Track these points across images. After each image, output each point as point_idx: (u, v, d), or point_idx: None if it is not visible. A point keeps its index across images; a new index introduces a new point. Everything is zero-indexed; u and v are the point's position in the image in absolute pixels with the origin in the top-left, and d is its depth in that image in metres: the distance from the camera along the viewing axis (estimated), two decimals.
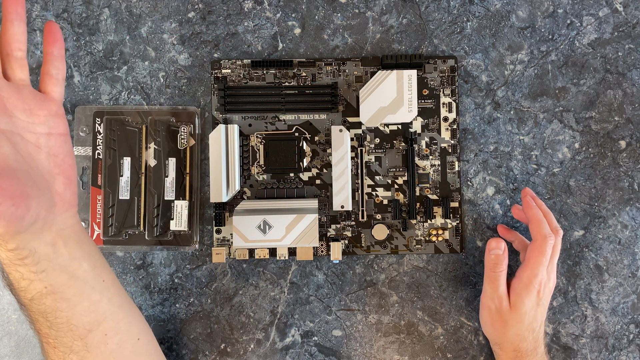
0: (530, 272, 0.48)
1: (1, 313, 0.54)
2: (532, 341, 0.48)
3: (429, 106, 0.55)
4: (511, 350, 0.49)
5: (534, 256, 0.48)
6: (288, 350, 0.54)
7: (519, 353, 0.48)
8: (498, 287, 0.49)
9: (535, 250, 0.48)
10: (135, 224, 0.53)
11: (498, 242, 0.50)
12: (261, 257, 0.52)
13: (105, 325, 0.41)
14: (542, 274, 0.48)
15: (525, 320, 0.48)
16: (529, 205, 0.49)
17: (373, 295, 0.54)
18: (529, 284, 0.48)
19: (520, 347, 0.48)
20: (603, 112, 0.55)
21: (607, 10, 0.55)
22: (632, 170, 0.55)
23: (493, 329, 0.50)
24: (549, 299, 0.50)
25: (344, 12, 0.55)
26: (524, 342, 0.48)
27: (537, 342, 0.49)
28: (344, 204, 0.52)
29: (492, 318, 0.50)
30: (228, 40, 0.55)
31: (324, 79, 0.55)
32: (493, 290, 0.49)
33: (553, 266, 0.49)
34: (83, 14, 0.55)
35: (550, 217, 0.50)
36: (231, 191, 0.52)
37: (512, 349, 0.48)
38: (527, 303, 0.48)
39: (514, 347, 0.48)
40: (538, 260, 0.47)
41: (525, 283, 0.48)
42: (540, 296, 0.48)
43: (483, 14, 0.55)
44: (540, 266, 0.47)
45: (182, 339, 0.54)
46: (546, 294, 0.49)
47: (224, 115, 0.55)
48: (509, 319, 0.48)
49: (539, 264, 0.47)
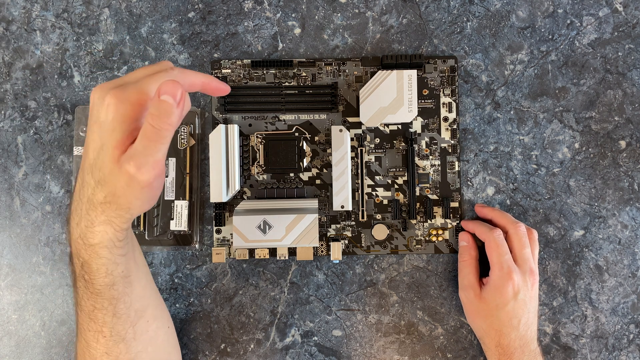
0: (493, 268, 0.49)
1: (1, 313, 0.54)
2: (515, 339, 0.48)
3: (429, 106, 0.55)
4: (493, 345, 0.49)
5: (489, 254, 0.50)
6: (288, 350, 0.54)
7: (501, 349, 0.48)
8: (464, 277, 0.51)
9: (488, 248, 0.50)
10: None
11: (465, 235, 0.53)
12: (261, 257, 0.52)
13: (148, 312, 0.42)
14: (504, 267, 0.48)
15: (501, 315, 0.48)
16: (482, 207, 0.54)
17: (373, 295, 0.54)
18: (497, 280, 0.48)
19: (501, 343, 0.48)
20: (603, 112, 0.55)
21: (607, 10, 0.55)
22: (632, 170, 0.55)
23: (471, 319, 0.51)
24: (531, 293, 0.49)
25: (344, 12, 0.55)
26: (505, 338, 0.48)
27: (524, 340, 0.48)
28: (344, 204, 0.52)
29: (466, 308, 0.51)
30: (228, 40, 0.55)
31: (324, 79, 0.55)
32: (460, 280, 0.52)
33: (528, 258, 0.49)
34: (83, 14, 0.55)
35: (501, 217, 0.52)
36: (231, 191, 0.52)
37: (494, 344, 0.49)
38: (498, 298, 0.48)
39: (495, 342, 0.49)
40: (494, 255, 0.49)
41: (494, 279, 0.49)
42: (517, 289, 0.48)
43: (483, 14, 0.55)
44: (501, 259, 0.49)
45: (182, 339, 0.54)
46: (523, 289, 0.48)
47: (224, 115, 0.55)
48: (480, 309, 0.49)
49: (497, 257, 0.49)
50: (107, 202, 0.35)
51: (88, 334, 0.39)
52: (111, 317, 0.39)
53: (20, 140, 0.55)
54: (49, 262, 0.54)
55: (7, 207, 0.54)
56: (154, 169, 0.34)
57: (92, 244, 0.36)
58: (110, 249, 0.37)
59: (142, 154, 0.34)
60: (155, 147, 0.34)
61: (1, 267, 0.54)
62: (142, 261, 0.42)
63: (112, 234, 0.36)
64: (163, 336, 0.44)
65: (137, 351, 0.41)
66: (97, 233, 0.36)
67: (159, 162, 0.34)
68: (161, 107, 0.33)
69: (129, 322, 0.40)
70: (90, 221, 0.36)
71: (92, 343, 0.39)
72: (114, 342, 0.39)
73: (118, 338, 0.39)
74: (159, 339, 0.43)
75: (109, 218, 0.36)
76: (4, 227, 0.54)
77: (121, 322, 0.39)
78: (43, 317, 0.54)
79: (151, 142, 0.33)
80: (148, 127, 0.33)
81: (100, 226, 0.36)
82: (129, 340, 0.40)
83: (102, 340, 0.39)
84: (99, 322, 0.39)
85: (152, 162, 0.34)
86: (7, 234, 0.54)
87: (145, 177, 0.34)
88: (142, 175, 0.34)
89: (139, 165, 0.34)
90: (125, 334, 0.40)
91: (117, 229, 0.36)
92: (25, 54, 0.55)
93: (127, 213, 0.36)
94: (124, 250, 0.38)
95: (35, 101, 0.55)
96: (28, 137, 0.55)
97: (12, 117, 0.55)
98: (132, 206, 0.36)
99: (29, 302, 0.54)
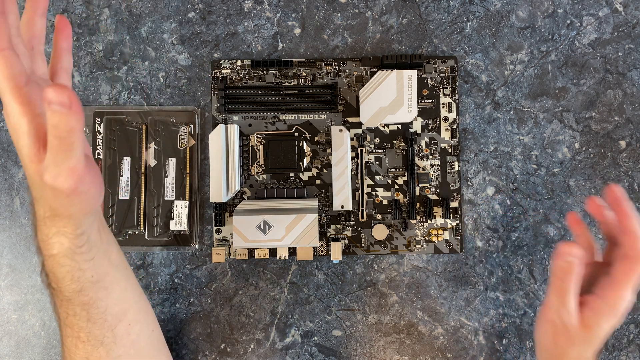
0: (619, 292, 0.40)
1: (1, 313, 0.54)
2: None
3: (429, 106, 0.55)
4: None
5: (625, 276, 0.40)
6: (288, 350, 0.54)
7: None
8: (568, 302, 0.41)
9: (630, 269, 0.40)
10: (135, 224, 0.53)
11: (572, 246, 0.40)
12: (261, 257, 0.52)
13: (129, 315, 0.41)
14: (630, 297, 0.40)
15: (594, 343, 0.41)
16: (627, 214, 0.41)
17: (373, 295, 0.54)
18: (615, 307, 0.40)
19: None
20: (603, 112, 0.55)
21: (607, 10, 0.55)
22: (632, 170, 0.55)
23: (554, 345, 0.43)
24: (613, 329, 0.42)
25: (344, 12, 0.55)
26: None
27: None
28: (344, 204, 0.52)
29: (555, 334, 0.42)
30: (228, 40, 0.55)
31: (324, 79, 0.55)
32: (561, 304, 0.41)
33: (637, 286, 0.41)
34: (83, 14, 0.55)
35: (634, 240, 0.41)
36: (231, 191, 0.52)
37: None
38: (606, 326, 0.41)
39: None
40: (630, 280, 0.40)
41: (611, 305, 0.40)
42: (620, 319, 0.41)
43: (483, 14, 0.55)
44: (631, 288, 0.40)
45: (182, 339, 0.54)
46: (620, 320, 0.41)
47: (224, 115, 0.55)
48: (577, 337, 0.41)
49: (630, 284, 0.40)
50: (49, 217, 0.35)
51: (67, 340, 0.39)
52: (85, 322, 0.38)
53: None
54: None
55: (7, 207, 0.54)
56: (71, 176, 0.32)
57: (52, 254, 0.36)
58: (72, 257, 0.36)
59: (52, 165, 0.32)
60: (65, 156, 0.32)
61: (1, 267, 0.54)
62: (121, 264, 0.41)
63: (68, 242, 0.36)
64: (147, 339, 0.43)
65: (117, 355, 0.40)
66: (54, 244, 0.36)
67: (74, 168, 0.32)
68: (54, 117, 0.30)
69: (106, 326, 0.39)
70: (45, 234, 0.36)
71: (72, 348, 0.39)
72: (92, 347, 0.39)
73: (96, 342, 0.39)
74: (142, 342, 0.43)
75: (58, 229, 0.35)
76: (4, 227, 0.54)
77: (97, 327, 0.39)
78: (43, 317, 0.54)
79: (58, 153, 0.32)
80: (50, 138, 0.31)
81: (54, 238, 0.36)
82: (108, 344, 0.39)
83: (81, 345, 0.39)
84: (75, 328, 0.38)
85: (66, 170, 0.32)
86: (7, 234, 0.54)
87: (65, 185, 0.32)
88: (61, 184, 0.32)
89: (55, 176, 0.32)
90: (104, 338, 0.39)
91: (71, 237, 0.36)
92: None
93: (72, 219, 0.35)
94: (89, 255, 0.37)
95: None
96: None
97: None
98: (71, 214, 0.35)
99: (29, 302, 0.54)
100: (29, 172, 0.34)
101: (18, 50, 0.34)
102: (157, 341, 0.46)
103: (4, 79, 0.32)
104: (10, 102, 0.32)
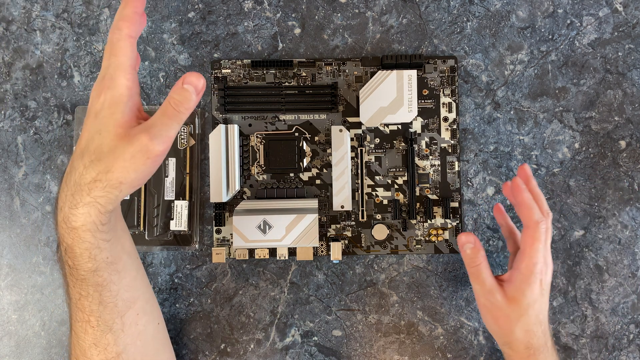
0: (528, 261, 0.45)
1: (1, 313, 0.54)
2: (541, 335, 0.46)
3: (429, 106, 0.55)
4: (523, 348, 0.46)
5: (529, 244, 0.45)
6: (288, 350, 0.54)
7: (531, 350, 0.45)
8: (484, 281, 0.46)
9: (530, 237, 0.45)
10: (135, 224, 0.53)
11: (467, 235, 0.47)
12: (261, 257, 0.52)
13: (138, 305, 0.42)
14: (540, 262, 0.45)
15: (531, 313, 0.45)
16: (519, 189, 0.46)
17: (373, 295, 0.54)
18: (530, 275, 0.45)
19: (532, 344, 0.45)
20: (603, 112, 0.55)
21: (607, 10, 0.55)
22: (632, 170, 0.55)
23: (498, 327, 0.47)
24: (550, 285, 0.47)
25: (344, 12, 0.55)
26: (534, 337, 0.45)
27: (546, 336, 0.46)
28: (344, 204, 0.52)
29: (492, 315, 0.47)
30: (228, 40, 0.55)
31: (324, 79, 0.55)
32: (480, 286, 0.47)
33: (548, 250, 0.46)
34: (83, 14, 0.55)
35: (541, 200, 0.47)
36: (231, 191, 0.52)
37: (523, 347, 0.45)
38: (530, 295, 0.45)
39: (525, 344, 0.45)
40: (534, 248, 0.45)
41: (526, 274, 0.45)
42: (543, 285, 0.45)
43: (483, 14, 0.55)
44: (538, 253, 0.45)
45: (182, 339, 0.54)
46: (547, 282, 0.46)
47: (224, 115, 0.55)
48: (512, 313, 0.45)
49: (536, 251, 0.45)
50: (96, 181, 0.36)
51: (77, 325, 0.40)
52: (97, 304, 0.39)
53: (20, 140, 0.55)
54: (49, 262, 0.54)
55: (7, 207, 0.54)
56: (165, 143, 0.37)
57: (74, 227, 0.37)
58: (93, 233, 0.37)
59: (158, 127, 0.36)
60: (171, 124, 0.37)
61: (1, 267, 0.54)
62: (133, 253, 0.43)
63: (95, 216, 0.37)
64: (152, 331, 0.44)
65: (125, 344, 0.41)
66: (80, 215, 0.36)
67: (170, 138, 0.37)
68: (183, 94, 0.37)
69: (116, 311, 0.40)
70: (74, 203, 0.37)
71: (80, 334, 0.40)
72: (101, 332, 0.39)
73: (105, 328, 0.39)
74: (148, 333, 0.43)
75: (94, 199, 0.36)
76: (4, 227, 0.54)
77: (108, 311, 0.39)
78: (43, 317, 0.54)
79: (169, 119, 0.37)
80: (168, 106, 0.37)
81: (83, 208, 0.36)
82: (116, 331, 0.40)
83: (90, 330, 0.39)
84: (86, 311, 0.39)
85: (165, 136, 0.37)
86: (7, 234, 0.54)
87: (157, 147, 0.36)
88: (154, 145, 0.36)
89: (153, 136, 0.36)
90: (113, 324, 0.40)
91: (102, 210, 0.37)
92: (25, 54, 0.55)
93: (116, 189, 0.37)
94: (108, 236, 0.38)
95: (35, 101, 0.55)
96: (28, 137, 0.55)
97: (12, 117, 0.55)
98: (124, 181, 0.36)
99: (29, 302, 0.54)
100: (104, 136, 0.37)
101: None
102: (162, 335, 0.47)
103: (127, 60, 0.38)
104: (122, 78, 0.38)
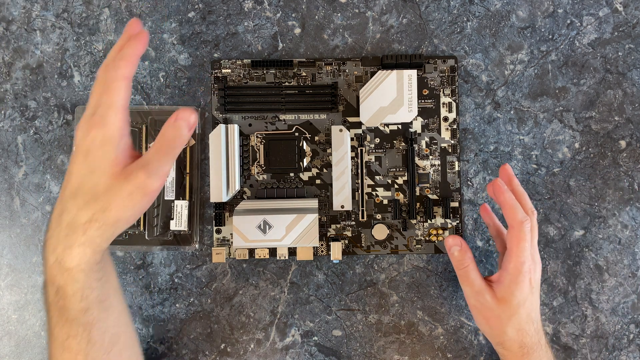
0: (515, 261, 0.45)
1: (1, 313, 0.54)
2: (534, 333, 0.46)
3: (429, 106, 0.55)
4: (517, 347, 0.46)
5: (514, 244, 0.45)
6: (288, 350, 0.54)
7: (525, 349, 0.46)
8: (473, 283, 0.47)
9: (515, 237, 0.45)
10: (135, 223, 0.53)
11: (454, 238, 0.49)
12: (261, 257, 0.52)
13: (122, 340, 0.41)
14: (528, 260, 0.45)
15: (522, 312, 0.46)
16: (501, 190, 0.46)
17: (373, 295, 0.54)
18: (518, 275, 0.45)
19: (525, 343, 0.46)
20: (603, 112, 0.55)
21: (607, 10, 0.55)
22: (632, 170, 0.55)
23: (489, 327, 0.48)
24: (539, 282, 0.47)
25: (344, 12, 0.55)
26: (527, 336, 0.46)
27: (539, 334, 0.47)
28: (344, 204, 0.52)
29: (483, 316, 0.47)
30: (228, 40, 0.55)
31: (324, 79, 0.55)
32: (470, 287, 0.48)
33: (535, 248, 0.47)
34: (83, 14, 0.55)
35: (524, 199, 0.47)
36: (231, 191, 0.52)
37: (517, 346, 0.46)
38: (519, 295, 0.45)
39: (519, 343, 0.46)
40: (520, 247, 0.45)
41: (514, 274, 0.45)
42: (532, 284, 0.46)
43: (483, 14, 0.55)
44: (524, 252, 0.45)
45: (182, 339, 0.54)
46: (537, 279, 0.47)
47: (224, 115, 0.55)
48: (503, 314, 0.46)
49: (522, 250, 0.45)
50: (92, 221, 0.36)
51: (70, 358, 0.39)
52: (86, 344, 0.38)
53: (20, 140, 0.55)
54: None
55: (7, 207, 0.54)
56: (161, 179, 0.37)
57: (69, 267, 0.37)
58: (87, 273, 0.37)
59: (154, 163, 0.37)
60: (166, 160, 0.38)
61: (1, 267, 0.54)
62: (119, 288, 0.42)
63: (91, 255, 0.37)
64: None
65: None
66: (75, 255, 0.36)
67: (166, 174, 0.38)
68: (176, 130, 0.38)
69: (103, 349, 0.39)
70: (69, 244, 0.36)
71: None
72: None
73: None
74: None
75: (90, 238, 0.36)
76: (4, 227, 0.54)
77: (96, 349, 0.39)
78: (43, 317, 0.54)
79: (164, 156, 0.37)
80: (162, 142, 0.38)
81: (78, 248, 0.36)
82: None
83: None
84: (73, 351, 0.38)
85: (161, 172, 0.37)
86: (7, 234, 0.54)
87: (154, 184, 0.37)
88: (152, 182, 0.37)
89: (150, 173, 0.37)
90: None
91: (97, 249, 0.37)
92: (25, 54, 0.55)
93: (112, 227, 0.37)
94: (100, 275, 0.38)
95: (35, 101, 0.55)
96: (28, 137, 0.55)
97: (12, 117, 0.55)
98: (121, 218, 0.37)
99: (29, 302, 0.54)
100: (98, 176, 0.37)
101: None
102: None
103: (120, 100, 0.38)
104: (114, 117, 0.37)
